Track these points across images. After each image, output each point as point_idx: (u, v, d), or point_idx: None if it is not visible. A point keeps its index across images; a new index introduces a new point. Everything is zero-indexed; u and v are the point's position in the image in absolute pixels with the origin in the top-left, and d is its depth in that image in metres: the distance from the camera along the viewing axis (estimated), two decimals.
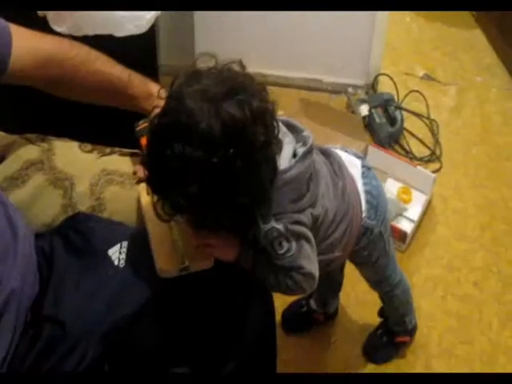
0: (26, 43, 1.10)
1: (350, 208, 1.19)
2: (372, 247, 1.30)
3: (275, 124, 0.94)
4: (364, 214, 1.24)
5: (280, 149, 0.98)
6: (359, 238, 1.25)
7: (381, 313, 1.70)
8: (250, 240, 1.03)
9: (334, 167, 1.18)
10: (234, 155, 0.86)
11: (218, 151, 0.85)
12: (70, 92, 1.21)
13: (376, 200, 1.26)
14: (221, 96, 0.87)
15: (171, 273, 1.03)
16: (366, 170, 1.27)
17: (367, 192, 1.25)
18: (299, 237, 1.02)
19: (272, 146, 0.93)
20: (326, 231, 1.12)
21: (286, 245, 1.00)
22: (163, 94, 1.23)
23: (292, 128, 1.04)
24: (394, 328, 1.68)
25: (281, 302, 1.68)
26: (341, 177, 1.18)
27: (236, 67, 0.94)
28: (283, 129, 1.01)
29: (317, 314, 1.75)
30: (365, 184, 1.25)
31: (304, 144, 1.02)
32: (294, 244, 1.01)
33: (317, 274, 1.06)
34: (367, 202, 1.24)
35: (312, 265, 1.05)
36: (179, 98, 0.89)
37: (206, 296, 1.06)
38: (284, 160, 0.98)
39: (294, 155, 1.00)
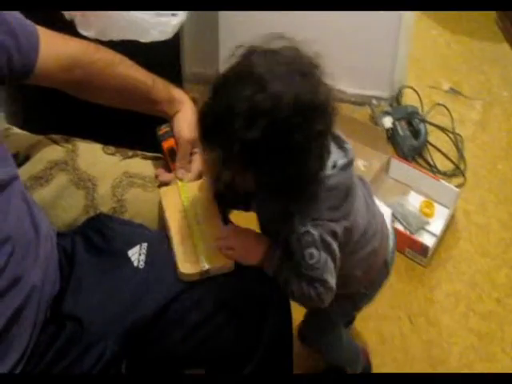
0: (53, 47, 1.12)
1: (379, 234, 1.18)
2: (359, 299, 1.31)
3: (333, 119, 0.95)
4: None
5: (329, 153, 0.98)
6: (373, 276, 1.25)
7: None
8: (278, 242, 1.03)
9: (368, 190, 1.18)
10: (297, 125, 0.87)
11: (283, 113, 0.86)
12: (93, 95, 1.23)
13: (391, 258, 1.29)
14: (298, 67, 0.90)
15: (192, 276, 1.03)
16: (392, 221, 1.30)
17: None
18: (329, 251, 1.00)
19: (328, 138, 0.94)
20: (355, 244, 1.11)
21: (316, 255, 0.99)
22: (185, 98, 1.24)
23: (335, 139, 1.03)
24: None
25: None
26: (372, 202, 1.18)
27: None
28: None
29: None
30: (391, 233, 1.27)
31: (345, 156, 1.01)
32: (323, 256, 0.99)
33: (334, 287, 1.04)
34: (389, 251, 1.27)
35: (333, 280, 1.04)
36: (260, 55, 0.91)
37: (225, 300, 1.05)
38: (327, 168, 0.98)
39: (334, 166, 1.00)
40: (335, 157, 1.00)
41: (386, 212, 1.26)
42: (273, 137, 0.87)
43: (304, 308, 1.38)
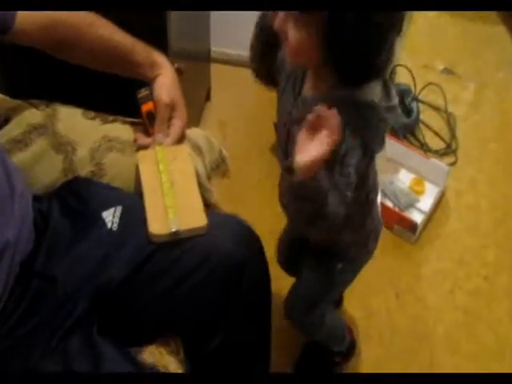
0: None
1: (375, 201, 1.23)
2: (349, 263, 1.30)
3: None
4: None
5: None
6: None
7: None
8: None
9: None
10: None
11: None
12: (73, 55, 1.21)
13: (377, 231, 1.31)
14: None
15: (161, 237, 1.02)
16: None
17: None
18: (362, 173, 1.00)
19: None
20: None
21: (352, 175, 0.95)
22: (166, 63, 1.22)
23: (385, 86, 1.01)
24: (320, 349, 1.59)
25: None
26: None
27: None
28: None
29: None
30: None
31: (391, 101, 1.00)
32: (353, 177, 0.95)
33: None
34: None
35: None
36: None
37: (200, 260, 1.03)
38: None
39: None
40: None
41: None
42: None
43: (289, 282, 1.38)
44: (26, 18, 1.09)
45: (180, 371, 1.06)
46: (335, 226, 0.99)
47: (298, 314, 1.42)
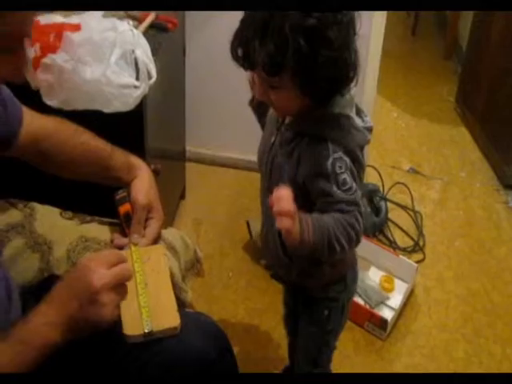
0: (34, 120, 1.19)
1: None
2: (333, 308, 1.34)
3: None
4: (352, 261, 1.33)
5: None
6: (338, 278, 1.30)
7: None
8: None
9: None
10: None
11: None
12: (54, 164, 1.26)
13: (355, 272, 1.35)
14: None
15: (135, 338, 1.03)
16: None
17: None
18: (355, 181, 1.07)
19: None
20: None
21: (349, 181, 1.05)
22: (142, 165, 1.29)
23: (357, 106, 1.14)
24: None
25: None
26: None
27: None
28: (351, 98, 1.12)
29: None
30: None
31: (363, 122, 1.13)
32: (354, 184, 1.06)
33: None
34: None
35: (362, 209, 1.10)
36: None
37: (169, 363, 1.05)
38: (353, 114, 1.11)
39: None
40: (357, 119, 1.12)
41: None
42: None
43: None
44: (25, 133, 1.18)
45: None
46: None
47: (305, 367, 1.47)
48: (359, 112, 1.14)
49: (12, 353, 0.87)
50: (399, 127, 3.03)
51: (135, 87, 1.44)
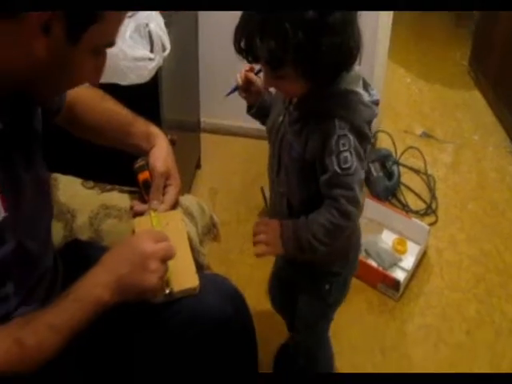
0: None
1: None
2: (334, 283, 1.38)
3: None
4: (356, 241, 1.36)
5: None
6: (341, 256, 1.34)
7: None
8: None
9: None
10: None
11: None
12: (82, 128, 1.30)
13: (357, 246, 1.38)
14: None
15: (157, 299, 1.08)
16: None
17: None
18: (359, 159, 1.09)
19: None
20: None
21: (350, 160, 1.08)
22: (161, 134, 1.33)
23: (363, 80, 1.15)
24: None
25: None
26: None
27: None
28: (358, 73, 1.13)
29: None
30: None
31: (370, 95, 1.14)
32: (355, 163, 1.08)
33: (361, 200, 1.13)
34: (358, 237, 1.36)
35: (360, 194, 1.12)
36: None
37: (187, 323, 1.12)
38: (360, 88, 1.12)
39: None
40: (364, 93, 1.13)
41: None
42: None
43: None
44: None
45: None
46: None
47: (302, 336, 1.54)
48: (366, 86, 1.15)
49: (71, 309, 0.93)
50: (412, 92, 3.04)
51: (150, 59, 1.48)
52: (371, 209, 2.26)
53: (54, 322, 0.92)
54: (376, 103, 1.15)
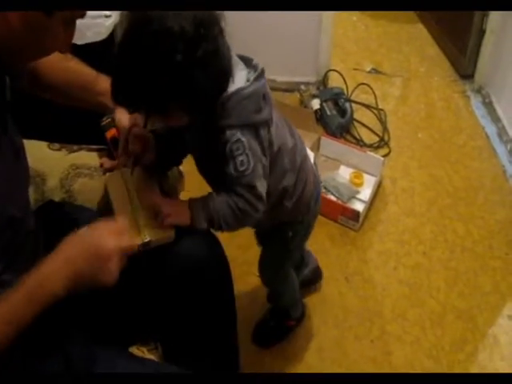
0: None
1: (306, 164, 1.35)
2: (297, 229, 1.46)
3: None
4: (312, 192, 1.40)
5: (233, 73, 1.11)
6: (302, 208, 1.41)
7: (268, 298, 1.78)
8: (196, 199, 1.20)
9: (289, 122, 1.35)
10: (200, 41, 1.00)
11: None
12: (45, 88, 1.32)
13: (319, 190, 1.44)
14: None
15: (134, 248, 1.13)
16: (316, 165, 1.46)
17: (316, 176, 1.42)
18: (256, 157, 1.15)
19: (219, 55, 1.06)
20: (284, 166, 1.27)
21: (245, 162, 1.14)
22: None
23: (243, 58, 1.18)
24: (281, 314, 1.81)
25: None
26: (295, 130, 1.36)
27: None
28: (235, 57, 1.15)
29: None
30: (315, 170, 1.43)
31: (255, 70, 1.16)
32: (251, 163, 1.14)
33: (264, 196, 1.20)
34: (315, 183, 1.41)
35: (262, 187, 1.19)
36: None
37: (165, 267, 1.21)
38: (240, 80, 1.12)
39: (248, 79, 1.15)
40: (246, 73, 1.15)
41: (309, 154, 1.44)
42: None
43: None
44: None
45: None
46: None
47: (268, 276, 1.63)
48: (248, 63, 1.17)
49: (24, 302, 0.94)
50: (359, 30, 3.11)
51: (106, 16, 1.50)
52: (327, 146, 2.37)
53: (5, 315, 0.93)
54: (262, 73, 1.16)
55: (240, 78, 1.13)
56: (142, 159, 1.29)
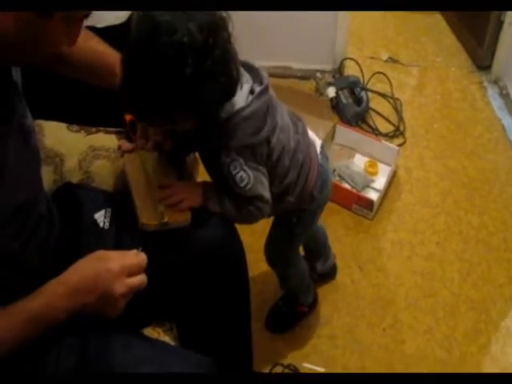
0: None
1: (308, 158, 1.34)
2: (301, 217, 1.47)
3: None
4: (314, 183, 1.39)
5: (240, 85, 1.11)
6: (306, 199, 1.40)
7: (280, 284, 1.79)
8: (210, 184, 1.22)
9: (294, 115, 1.34)
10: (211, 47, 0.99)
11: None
12: (67, 67, 1.30)
13: (324, 178, 1.41)
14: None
15: (152, 227, 1.17)
16: (323, 151, 1.43)
17: (320, 165, 1.40)
18: (256, 170, 1.17)
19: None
20: (285, 167, 1.27)
21: (245, 177, 1.16)
22: None
23: (249, 68, 1.19)
24: (292, 299, 1.81)
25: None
26: (300, 121, 1.35)
27: None
28: (241, 69, 1.14)
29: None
30: (320, 159, 1.41)
31: (261, 83, 1.16)
32: (251, 176, 1.16)
33: (270, 199, 1.23)
34: (319, 173, 1.39)
35: (267, 193, 1.22)
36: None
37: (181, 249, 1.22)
38: (241, 98, 1.12)
39: (252, 92, 1.15)
40: (251, 85, 1.16)
41: (316, 140, 1.42)
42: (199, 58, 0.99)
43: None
44: None
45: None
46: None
47: (271, 256, 1.64)
48: (255, 74, 1.18)
49: (24, 326, 0.94)
50: (376, 19, 3.09)
51: None
52: (342, 135, 2.36)
53: (4, 335, 0.93)
54: (266, 88, 1.16)
55: (242, 94, 1.13)
56: (162, 145, 1.30)
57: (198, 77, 0.99)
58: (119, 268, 0.98)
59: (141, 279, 1.01)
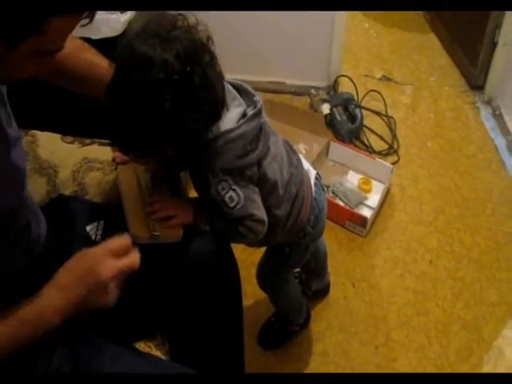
0: None
1: (302, 192, 1.32)
2: (294, 248, 1.46)
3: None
4: (307, 219, 1.37)
5: (226, 108, 1.10)
6: (298, 233, 1.39)
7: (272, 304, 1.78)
8: (202, 202, 1.19)
9: (290, 148, 1.33)
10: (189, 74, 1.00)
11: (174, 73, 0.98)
12: (58, 78, 1.28)
13: (318, 211, 1.40)
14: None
15: (143, 239, 1.15)
16: (319, 182, 1.42)
17: (314, 199, 1.39)
18: (246, 187, 1.14)
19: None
20: (279, 197, 1.26)
21: (235, 197, 1.13)
22: None
23: (244, 92, 1.17)
24: (283, 318, 1.80)
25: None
26: (295, 154, 1.33)
27: None
28: (233, 92, 1.14)
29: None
30: (314, 192, 1.39)
31: (254, 107, 1.15)
32: (241, 195, 1.13)
33: (265, 218, 1.19)
34: (312, 208, 1.38)
35: (261, 211, 1.18)
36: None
37: (173, 264, 1.20)
38: (230, 121, 1.10)
39: (244, 116, 1.13)
40: (244, 109, 1.14)
41: (311, 172, 1.41)
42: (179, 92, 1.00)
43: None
44: None
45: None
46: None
47: (263, 281, 1.62)
48: (249, 97, 1.16)
49: (18, 330, 0.93)
50: (371, 37, 3.11)
51: (122, 12, 1.50)
52: (336, 151, 2.36)
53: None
54: (259, 112, 1.14)
55: (232, 117, 1.11)
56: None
57: (178, 109, 0.99)
58: (102, 251, 0.97)
59: (130, 259, 0.98)
